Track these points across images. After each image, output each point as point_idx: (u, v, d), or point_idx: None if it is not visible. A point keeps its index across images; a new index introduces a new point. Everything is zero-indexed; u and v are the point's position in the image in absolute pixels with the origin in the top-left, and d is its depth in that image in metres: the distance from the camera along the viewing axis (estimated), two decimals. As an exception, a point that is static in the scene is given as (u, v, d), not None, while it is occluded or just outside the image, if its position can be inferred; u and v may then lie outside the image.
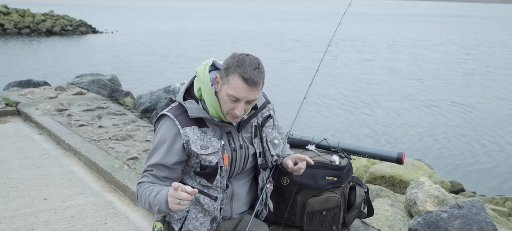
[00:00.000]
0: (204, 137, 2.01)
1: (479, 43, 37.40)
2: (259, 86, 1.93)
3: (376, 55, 28.09)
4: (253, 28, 48.09)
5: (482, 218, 3.01)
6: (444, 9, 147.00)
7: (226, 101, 1.93)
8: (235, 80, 1.89)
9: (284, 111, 11.99)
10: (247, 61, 1.90)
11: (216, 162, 2.00)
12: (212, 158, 2.00)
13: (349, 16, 3.05)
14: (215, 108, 1.99)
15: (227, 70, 1.91)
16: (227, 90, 1.91)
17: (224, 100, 1.94)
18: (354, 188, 2.63)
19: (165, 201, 1.82)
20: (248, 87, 1.88)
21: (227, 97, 1.92)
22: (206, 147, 1.99)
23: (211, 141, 2.01)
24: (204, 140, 2.00)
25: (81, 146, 4.86)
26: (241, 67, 1.88)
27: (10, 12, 36.01)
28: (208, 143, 2.00)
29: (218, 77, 1.97)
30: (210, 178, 2.04)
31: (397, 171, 6.04)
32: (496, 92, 17.76)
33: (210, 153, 1.99)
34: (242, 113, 1.93)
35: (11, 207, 3.63)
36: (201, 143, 1.99)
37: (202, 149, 1.99)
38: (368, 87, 17.89)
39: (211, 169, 2.01)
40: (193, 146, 1.98)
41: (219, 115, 2.00)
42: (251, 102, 1.96)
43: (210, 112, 2.00)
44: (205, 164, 2.00)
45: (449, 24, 65.83)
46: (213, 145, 2.01)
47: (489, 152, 10.83)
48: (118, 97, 7.82)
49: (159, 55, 26.17)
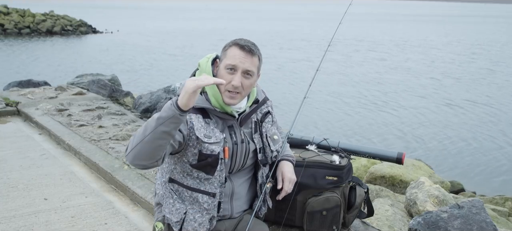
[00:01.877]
0: (207, 127, 2.01)
1: (480, 43, 37.40)
2: (255, 57, 2.00)
3: (376, 55, 28.09)
4: (254, 28, 48.09)
5: (482, 218, 3.01)
6: (444, 10, 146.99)
7: (224, 76, 1.97)
8: (231, 50, 1.99)
9: (284, 111, 12.00)
10: (243, 38, 2.04)
11: (218, 152, 2.00)
12: (214, 147, 1.99)
13: (352, 16, 3.06)
14: (216, 98, 2.00)
15: (224, 49, 2.03)
16: (225, 62, 1.98)
17: (222, 76, 1.98)
18: (354, 188, 2.63)
19: (173, 102, 1.76)
20: (244, 53, 1.96)
21: (225, 70, 1.97)
22: (209, 136, 2.00)
23: (214, 131, 2.02)
24: (207, 130, 2.01)
25: (81, 146, 4.86)
26: (237, 40, 2.01)
27: (10, 12, 36.03)
28: (211, 133, 2.01)
29: (217, 61, 2.06)
30: (210, 170, 2.02)
31: (397, 171, 6.04)
32: (497, 92, 17.76)
33: (213, 142, 1.99)
34: (239, 83, 1.96)
35: (11, 207, 3.63)
36: (204, 131, 2.00)
37: (205, 137, 1.99)
38: (368, 87, 17.89)
39: (213, 159, 2.00)
40: (197, 132, 1.98)
41: (221, 105, 2.01)
42: (249, 75, 1.99)
43: (212, 102, 2.02)
44: (207, 152, 1.99)
45: (449, 24, 65.81)
46: (216, 135, 2.01)
47: (489, 152, 10.83)
48: (118, 97, 7.83)
49: (159, 55, 26.17)
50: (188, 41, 34.07)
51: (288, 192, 2.25)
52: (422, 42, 36.92)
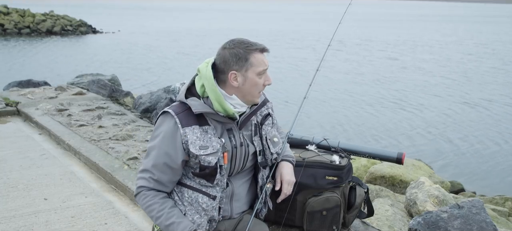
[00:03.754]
0: (204, 137, 2.00)
1: (481, 43, 37.39)
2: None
3: (376, 55, 28.09)
4: (254, 28, 48.08)
5: (482, 218, 3.01)
6: (443, 10, 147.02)
7: (257, 82, 2.00)
8: (257, 57, 1.99)
9: (284, 111, 12.00)
10: (244, 39, 2.01)
11: (215, 163, 2.00)
12: (211, 158, 1.99)
13: (355, 16, 3.06)
14: (220, 102, 1.99)
15: (240, 59, 1.97)
16: (255, 70, 1.99)
17: (254, 82, 2.00)
18: (354, 188, 2.62)
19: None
20: (265, 54, 2.03)
21: (257, 76, 2.00)
22: (205, 147, 1.98)
23: (211, 140, 2.00)
24: (204, 140, 1.99)
25: (81, 146, 4.86)
26: (250, 45, 1.99)
27: (10, 12, 36.03)
28: (208, 142, 1.99)
29: (234, 73, 1.98)
30: (210, 178, 2.03)
31: (397, 171, 6.04)
32: (497, 91, 17.76)
33: (210, 154, 1.98)
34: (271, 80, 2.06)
35: (11, 207, 3.63)
36: (200, 143, 1.98)
37: (201, 150, 1.98)
38: (368, 87, 17.89)
39: (211, 170, 2.01)
40: (192, 147, 1.97)
41: (225, 109, 2.00)
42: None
43: (215, 107, 2.00)
44: (204, 164, 2.00)
45: (448, 24, 65.81)
46: (213, 145, 2.00)
47: (489, 152, 10.83)
48: (118, 97, 7.82)
49: (160, 55, 26.17)
50: (190, 41, 34.07)
51: (287, 195, 2.25)
52: (421, 42, 36.90)
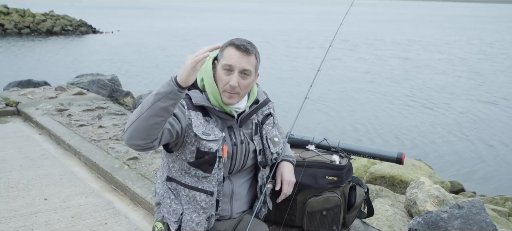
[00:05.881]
0: (206, 125, 2.01)
1: (481, 43, 37.38)
2: (252, 55, 2.00)
3: (376, 55, 28.08)
4: (253, 28, 48.08)
5: (482, 218, 3.01)
6: (443, 10, 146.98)
7: (222, 77, 1.98)
8: (227, 51, 1.99)
9: (284, 111, 11.98)
10: (239, 38, 2.02)
11: (215, 150, 1.99)
12: (212, 144, 1.99)
13: (356, 16, 3.06)
14: (215, 96, 2.01)
15: (221, 49, 2.01)
16: (222, 63, 1.98)
17: (220, 76, 1.99)
18: (354, 188, 2.62)
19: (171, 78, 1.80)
20: (240, 53, 1.96)
21: (222, 70, 1.98)
22: (207, 134, 1.99)
23: (213, 129, 2.02)
24: (206, 128, 2.00)
25: (81, 146, 4.86)
26: (233, 40, 2.01)
27: (10, 12, 36.00)
28: (210, 130, 2.01)
29: (216, 62, 2.04)
30: (207, 168, 2.02)
31: (397, 171, 6.05)
32: (497, 92, 17.76)
33: (211, 140, 1.99)
34: (236, 83, 1.96)
35: (11, 207, 3.63)
36: (203, 129, 1.99)
37: (203, 135, 1.99)
38: (368, 87, 17.89)
39: (210, 157, 1.99)
40: (195, 129, 1.98)
41: (219, 103, 2.02)
42: (246, 75, 1.99)
43: (211, 101, 2.02)
44: (204, 150, 1.99)
45: (448, 24, 65.80)
46: (215, 133, 2.01)
47: (489, 152, 10.83)
48: (118, 97, 7.83)
49: (160, 55, 26.16)
50: (190, 40, 34.05)
51: (287, 195, 2.25)
52: (421, 42, 36.90)
